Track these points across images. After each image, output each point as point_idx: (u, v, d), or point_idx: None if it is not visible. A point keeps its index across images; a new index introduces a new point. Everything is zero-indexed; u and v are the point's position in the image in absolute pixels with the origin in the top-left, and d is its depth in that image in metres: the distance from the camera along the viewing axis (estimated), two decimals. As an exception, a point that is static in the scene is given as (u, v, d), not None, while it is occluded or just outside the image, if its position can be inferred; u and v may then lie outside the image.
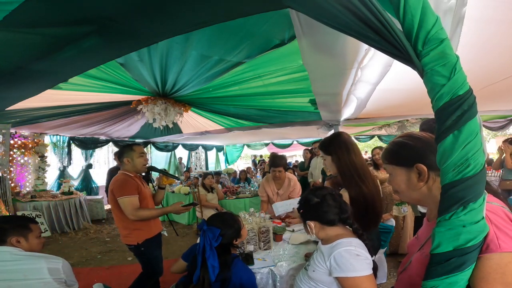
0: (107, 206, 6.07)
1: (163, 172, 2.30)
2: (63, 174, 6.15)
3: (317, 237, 1.14)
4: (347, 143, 1.47)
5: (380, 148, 3.26)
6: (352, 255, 1.00)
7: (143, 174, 2.23)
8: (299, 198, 2.12)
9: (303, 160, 6.01)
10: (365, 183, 1.39)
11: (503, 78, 2.16)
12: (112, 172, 4.85)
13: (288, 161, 8.55)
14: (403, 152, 0.79)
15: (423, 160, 0.74)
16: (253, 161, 12.79)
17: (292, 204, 2.10)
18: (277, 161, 2.53)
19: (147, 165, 2.17)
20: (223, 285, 1.19)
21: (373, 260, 1.13)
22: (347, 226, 1.16)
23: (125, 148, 2.14)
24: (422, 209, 2.16)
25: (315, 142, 5.62)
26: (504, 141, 3.78)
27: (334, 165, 1.49)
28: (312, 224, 1.13)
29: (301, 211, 1.19)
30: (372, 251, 1.11)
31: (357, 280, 0.97)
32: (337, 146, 1.47)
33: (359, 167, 1.41)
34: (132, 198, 1.91)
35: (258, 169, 10.08)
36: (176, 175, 2.81)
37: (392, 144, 0.84)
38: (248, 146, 12.16)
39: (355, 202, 1.35)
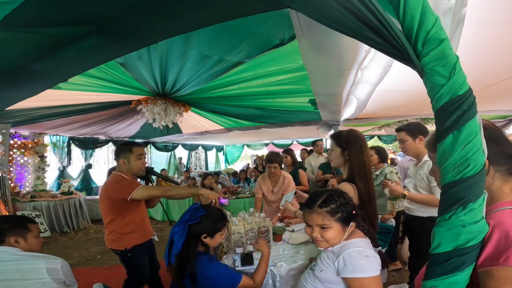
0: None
1: (162, 177, 2.19)
2: (62, 174, 6.14)
3: (332, 242, 1.07)
4: (361, 141, 1.53)
5: (372, 148, 3.06)
6: (362, 255, 1.00)
7: (143, 175, 2.13)
8: (293, 191, 2.14)
9: (300, 160, 6.00)
10: (370, 181, 1.48)
11: (503, 79, 2.16)
12: (112, 172, 4.83)
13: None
14: None
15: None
16: (255, 161, 12.82)
17: (286, 197, 2.10)
18: (272, 157, 2.62)
19: (145, 168, 2.05)
20: (192, 280, 1.21)
21: (380, 251, 1.13)
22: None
23: (122, 148, 1.98)
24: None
25: (317, 140, 5.18)
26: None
27: (342, 159, 1.53)
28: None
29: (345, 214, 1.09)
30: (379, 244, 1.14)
31: (365, 281, 0.97)
32: (352, 141, 1.52)
33: (367, 166, 1.49)
34: (144, 186, 1.83)
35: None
36: (175, 180, 2.66)
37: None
38: (248, 146, 12.15)
39: (361, 196, 1.42)
